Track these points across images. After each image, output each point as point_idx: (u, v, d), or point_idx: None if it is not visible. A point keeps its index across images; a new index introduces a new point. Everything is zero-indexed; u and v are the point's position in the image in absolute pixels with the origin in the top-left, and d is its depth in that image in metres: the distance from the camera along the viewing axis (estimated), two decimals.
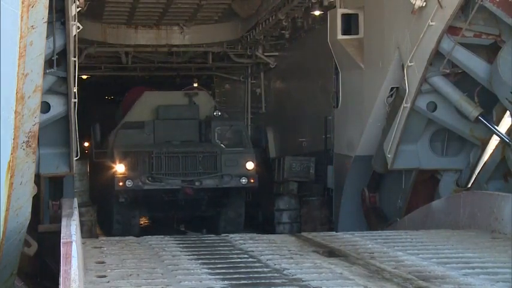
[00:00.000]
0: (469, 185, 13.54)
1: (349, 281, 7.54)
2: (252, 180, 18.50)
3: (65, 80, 11.31)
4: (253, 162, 18.69)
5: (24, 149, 8.07)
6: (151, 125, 19.54)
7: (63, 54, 11.03)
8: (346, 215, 16.40)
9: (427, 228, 11.65)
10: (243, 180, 18.38)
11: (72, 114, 11.59)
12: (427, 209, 13.23)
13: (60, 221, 7.80)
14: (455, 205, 12.55)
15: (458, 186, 13.66)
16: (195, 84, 27.23)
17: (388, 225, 14.23)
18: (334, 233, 11.25)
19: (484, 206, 11.50)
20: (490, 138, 13.42)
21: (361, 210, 15.83)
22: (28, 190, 8.58)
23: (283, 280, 7.64)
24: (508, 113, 12.87)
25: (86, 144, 22.29)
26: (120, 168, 17.76)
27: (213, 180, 18.33)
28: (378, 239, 10.49)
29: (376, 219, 15.22)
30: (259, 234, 10.79)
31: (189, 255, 9.17)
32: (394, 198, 14.84)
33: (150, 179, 17.81)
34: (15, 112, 7.62)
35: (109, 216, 19.89)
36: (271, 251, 9.45)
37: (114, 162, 18.17)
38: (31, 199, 8.83)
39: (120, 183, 17.64)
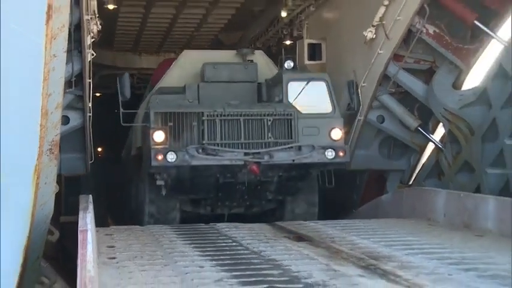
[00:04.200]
0: (410, 183, 13.63)
1: (314, 261, 7.58)
2: (341, 154, 11.12)
3: (81, 97, 11.31)
4: (340, 130, 11.42)
5: (48, 155, 8.05)
6: (194, 89, 12.16)
7: (80, 76, 11.03)
8: None
9: (377, 218, 11.69)
10: (329, 154, 11.00)
11: (87, 126, 11.59)
12: (377, 202, 13.31)
13: (77, 213, 7.76)
14: (399, 199, 12.65)
15: (402, 184, 13.75)
16: None
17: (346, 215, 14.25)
18: (302, 221, 11.21)
19: (421, 199, 11.60)
20: (426, 145, 13.54)
21: None
22: (51, 189, 8.58)
23: (261, 260, 7.68)
24: (441, 124, 12.97)
25: (99, 149, 20.34)
26: (158, 136, 10.59)
27: (288, 153, 10.98)
28: (337, 227, 10.53)
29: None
30: (242, 224, 10.72)
31: (183, 241, 9.20)
32: (350, 193, 14.90)
33: (200, 151, 10.62)
34: (41, 125, 7.60)
35: (138, 207, 12.90)
36: (251, 237, 9.48)
37: (148, 130, 10.94)
38: (54, 196, 8.83)
39: (159, 157, 10.40)
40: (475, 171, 11.89)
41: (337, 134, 11.36)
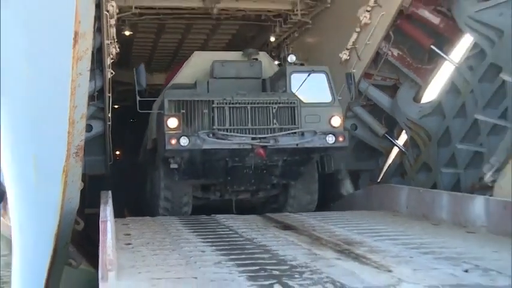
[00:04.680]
0: (379, 180, 13.66)
1: (297, 246, 7.57)
2: (340, 139, 10.43)
3: (102, 109, 11.30)
4: (340, 117, 10.75)
5: (74, 158, 8.05)
6: (204, 84, 11.61)
7: (101, 91, 11.03)
8: None
9: (351, 210, 11.71)
10: (330, 139, 10.31)
11: (107, 133, 11.59)
12: (351, 196, 13.33)
13: (99, 207, 7.77)
14: (369, 194, 12.69)
15: (371, 181, 13.77)
16: None
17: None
18: (288, 213, 11.19)
19: (388, 194, 11.62)
20: (392, 149, 13.57)
21: None
22: (77, 186, 8.59)
23: (253, 246, 7.66)
24: (404, 131, 13.03)
25: (117, 152, 19.80)
26: (171, 122, 9.97)
27: (292, 138, 10.33)
28: (318, 217, 10.52)
29: None
30: (237, 215, 10.71)
31: (188, 230, 9.17)
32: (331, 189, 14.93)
33: (211, 135, 9.97)
34: (68, 132, 7.62)
35: (153, 195, 12.15)
36: (245, 226, 9.44)
37: (162, 118, 10.25)
38: (79, 192, 8.82)
39: (173, 141, 9.80)
40: (432, 171, 11.94)
41: (336, 121, 10.66)
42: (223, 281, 5.61)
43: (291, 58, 11.45)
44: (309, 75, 11.02)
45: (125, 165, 17.63)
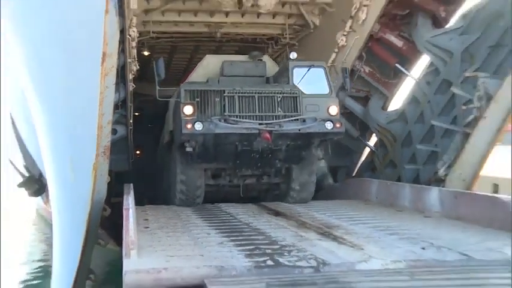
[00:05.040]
0: (353, 175, 13.66)
1: (287, 229, 7.59)
2: (338, 125, 9.80)
3: (125, 116, 11.25)
4: (336, 107, 9.99)
5: (102, 156, 8.06)
6: (215, 82, 10.84)
7: (124, 101, 10.98)
8: None
9: (331, 199, 11.70)
10: (328, 125, 9.72)
11: (129, 136, 11.54)
12: (331, 188, 13.32)
13: (123, 196, 7.77)
14: (346, 186, 12.68)
15: (348, 175, 13.77)
16: None
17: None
18: (279, 202, 11.06)
19: (361, 186, 11.63)
20: (364, 148, 13.59)
21: None
22: (104, 179, 8.58)
23: (250, 229, 7.68)
24: (374, 134, 13.06)
25: (138, 152, 19.94)
26: (187, 109, 9.46)
27: (295, 124, 9.68)
28: (303, 205, 10.52)
29: None
30: (237, 204, 10.69)
31: (196, 216, 9.16)
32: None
33: (222, 121, 9.42)
34: (97, 135, 7.64)
35: (170, 181, 11.45)
36: (243, 213, 9.42)
37: (178, 107, 9.65)
38: (106, 184, 8.82)
39: (188, 126, 9.31)
40: (397, 167, 11.96)
41: (333, 110, 9.90)
42: (225, 258, 5.65)
43: (293, 55, 10.73)
44: (309, 69, 10.32)
45: (144, 162, 17.35)
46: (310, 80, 10.23)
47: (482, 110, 9.45)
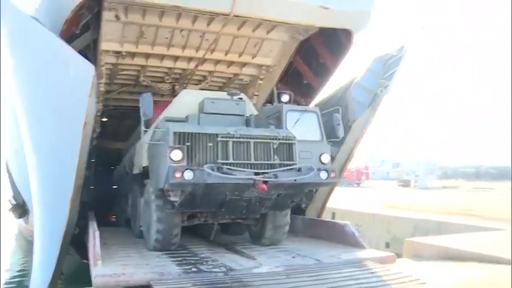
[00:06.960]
0: None
1: (204, 246, 7.35)
2: (332, 175, 6.29)
3: (91, 162, 10.63)
4: (328, 155, 6.75)
5: (77, 192, 7.34)
6: (195, 119, 6.88)
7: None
8: None
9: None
10: (323, 175, 6.18)
11: (91, 176, 10.82)
12: None
13: (87, 219, 7.21)
14: None
15: None
16: None
17: None
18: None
19: None
20: None
21: None
22: (77, 207, 7.71)
23: (177, 246, 7.12)
24: None
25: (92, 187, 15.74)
26: (175, 155, 5.58)
27: (290, 173, 6.08)
28: None
29: None
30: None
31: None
32: None
33: (215, 170, 5.62)
34: (76, 176, 7.05)
35: (134, 218, 8.21)
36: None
37: (160, 149, 6.06)
38: (77, 211, 8.08)
39: (177, 175, 5.38)
40: None
41: (326, 158, 6.77)
42: (163, 266, 5.71)
43: (285, 98, 7.25)
44: (302, 114, 7.01)
45: (97, 194, 15.52)
46: (302, 125, 7.03)
47: None
